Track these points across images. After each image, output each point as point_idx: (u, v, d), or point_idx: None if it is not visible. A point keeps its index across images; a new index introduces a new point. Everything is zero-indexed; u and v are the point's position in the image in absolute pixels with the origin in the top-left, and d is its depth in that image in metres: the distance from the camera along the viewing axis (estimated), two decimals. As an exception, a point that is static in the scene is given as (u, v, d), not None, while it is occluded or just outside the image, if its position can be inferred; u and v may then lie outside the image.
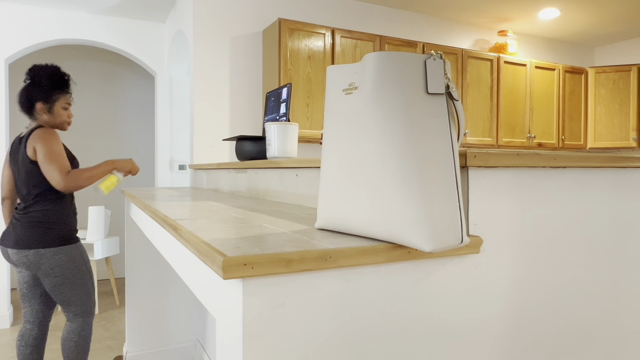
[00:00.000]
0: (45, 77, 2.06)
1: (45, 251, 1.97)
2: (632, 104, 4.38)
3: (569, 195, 0.90)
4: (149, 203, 1.40)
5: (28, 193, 2.02)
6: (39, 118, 2.07)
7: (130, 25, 3.89)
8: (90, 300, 2.12)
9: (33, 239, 1.97)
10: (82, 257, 2.10)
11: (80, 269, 2.07)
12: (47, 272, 1.99)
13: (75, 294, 2.06)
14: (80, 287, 2.07)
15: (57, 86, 2.08)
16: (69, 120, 2.15)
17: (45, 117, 2.07)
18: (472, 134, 3.92)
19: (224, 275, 0.57)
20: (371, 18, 3.79)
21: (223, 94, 3.27)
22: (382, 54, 0.69)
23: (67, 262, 2.02)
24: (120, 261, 5.01)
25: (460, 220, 0.69)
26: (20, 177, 2.03)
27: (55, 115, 2.09)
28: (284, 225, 0.89)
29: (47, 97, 2.06)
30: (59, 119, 2.11)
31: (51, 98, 2.07)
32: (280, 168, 1.56)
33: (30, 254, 1.96)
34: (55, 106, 2.08)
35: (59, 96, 2.09)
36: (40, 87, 2.05)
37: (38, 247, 1.97)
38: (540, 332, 0.87)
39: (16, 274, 2.11)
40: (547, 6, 3.88)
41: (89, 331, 2.13)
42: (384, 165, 0.68)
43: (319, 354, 0.65)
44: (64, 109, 2.11)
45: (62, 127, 2.14)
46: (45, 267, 1.98)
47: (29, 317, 2.12)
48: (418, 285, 0.73)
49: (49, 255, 1.98)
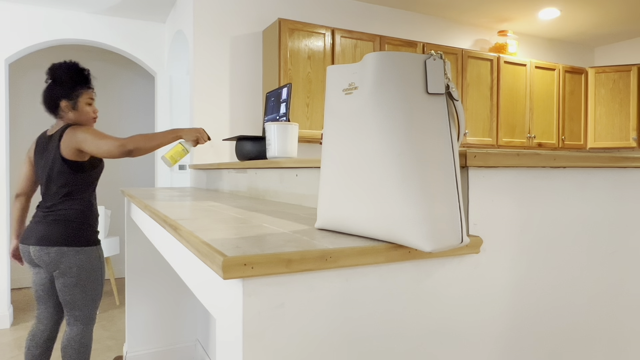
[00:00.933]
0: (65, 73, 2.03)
1: (68, 250, 1.95)
2: (632, 104, 4.38)
3: (569, 195, 0.90)
4: (149, 203, 1.40)
5: (57, 191, 1.99)
6: (65, 116, 2.05)
7: (130, 25, 3.89)
8: (94, 307, 2.08)
9: (57, 237, 1.94)
10: (100, 261, 2.07)
11: (95, 273, 2.04)
12: (65, 271, 1.96)
13: (83, 297, 2.02)
14: (89, 292, 2.03)
15: (78, 82, 2.05)
16: (94, 116, 2.12)
17: (70, 115, 2.05)
18: (472, 134, 3.92)
19: (224, 275, 0.57)
20: (371, 18, 3.79)
21: (223, 94, 3.27)
22: (382, 54, 0.69)
23: (86, 263, 1.99)
24: (120, 261, 5.01)
25: (460, 220, 0.69)
26: (49, 175, 2.00)
27: (80, 111, 2.06)
28: (284, 225, 0.89)
29: (70, 94, 2.04)
30: (85, 116, 2.08)
31: (74, 94, 2.04)
32: (280, 168, 1.56)
33: (53, 251, 1.93)
34: (79, 102, 2.05)
35: (81, 92, 2.06)
36: (62, 85, 2.02)
37: (61, 245, 1.94)
38: (541, 332, 0.87)
39: (33, 275, 2.08)
40: (547, 6, 3.88)
41: (89, 339, 2.08)
42: (384, 165, 0.68)
43: (319, 353, 0.65)
44: (88, 104, 2.08)
45: (89, 124, 2.11)
46: (64, 265, 1.95)
47: (43, 318, 2.09)
48: (418, 285, 0.73)
49: (71, 254, 1.95)
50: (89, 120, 2.10)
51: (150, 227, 1.50)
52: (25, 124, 4.66)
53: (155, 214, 1.13)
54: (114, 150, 1.90)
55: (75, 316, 2.03)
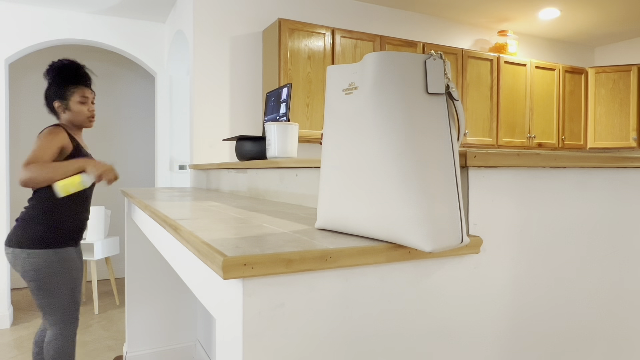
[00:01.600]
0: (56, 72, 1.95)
1: (20, 252, 1.85)
2: (632, 104, 4.38)
3: (569, 195, 0.90)
4: (149, 203, 1.40)
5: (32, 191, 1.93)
6: (62, 117, 1.99)
7: (130, 25, 3.89)
8: (67, 312, 1.94)
9: (12, 238, 1.89)
10: (62, 265, 1.91)
11: (58, 277, 1.89)
12: (22, 274, 1.87)
13: (49, 302, 1.89)
14: (55, 296, 1.90)
15: (68, 80, 1.95)
16: (89, 115, 2.00)
17: (65, 116, 1.97)
18: (472, 134, 3.92)
19: (224, 275, 0.57)
20: (371, 18, 3.79)
21: (223, 94, 3.27)
22: (382, 54, 0.69)
23: (43, 267, 1.86)
24: (120, 261, 5.01)
25: (460, 220, 0.69)
26: None
27: (74, 111, 1.96)
28: (284, 225, 0.89)
29: (62, 94, 1.95)
30: (78, 116, 1.98)
31: (65, 94, 1.95)
32: (280, 168, 1.56)
33: (9, 253, 1.88)
34: (70, 102, 1.95)
35: (73, 90, 1.95)
36: (54, 85, 1.95)
37: (15, 247, 1.86)
38: (541, 332, 0.87)
39: None
40: (547, 6, 3.88)
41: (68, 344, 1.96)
42: (384, 165, 0.68)
43: (319, 353, 0.65)
44: (81, 103, 1.96)
45: (85, 124, 2.01)
46: (20, 268, 1.86)
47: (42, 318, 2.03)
48: (418, 285, 0.73)
49: (22, 257, 1.84)
50: (84, 121, 2.00)
51: (150, 227, 1.51)
52: (25, 124, 4.66)
53: (155, 214, 1.13)
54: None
55: (49, 320, 1.94)
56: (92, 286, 4.19)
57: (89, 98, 2.00)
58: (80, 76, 1.98)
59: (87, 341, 3.14)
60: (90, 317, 3.67)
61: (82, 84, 1.98)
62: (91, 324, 3.50)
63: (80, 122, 1.99)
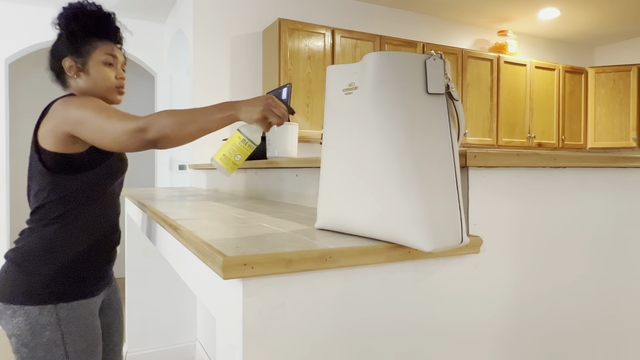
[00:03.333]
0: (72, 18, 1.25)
1: (4, 308, 1.15)
2: (632, 104, 4.38)
3: (569, 195, 0.90)
4: (149, 203, 1.40)
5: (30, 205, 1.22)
6: (72, 84, 1.27)
7: (130, 25, 3.89)
8: None
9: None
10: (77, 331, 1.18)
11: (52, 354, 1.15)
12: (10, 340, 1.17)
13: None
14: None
15: (90, 29, 1.26)
16: (118, 84, 1.29)
17: (80, 82, 1.26)
18: (472, 134, 3.92)
19: (224, 275, 0.57)
20: (371, 18, 3.79)
21: (223, 94, 3.27)
22: (382, 54, 0.69)
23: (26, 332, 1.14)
24: (120, 261, 5.01)
25: (460, 220, 0.69)
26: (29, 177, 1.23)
27: (94, 75, 1.25)
28: (284, 225, 0.89)
29: (77, 48, 1.25)
30: (102, 82, 1.26)
31: (83, 48, 1.25)
32: (280, 168, 1.56)
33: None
34: (91, 60, 1.25)
35: (96, 44, 1.26)
36: (67, 36, 1.26)
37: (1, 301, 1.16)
38: (541, 332, 0.87)
39: None
40: (547, 6, 3.88)
41: None
42: (384, 165, 0.68)
43: (319, 353, 0.65)
44: (107, 64, 1.26)
45: (111, 96, 1.29)
46: (5, 331, 1.17)
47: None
48: (418, 285, 0.73)
49: (6, 315, 1.15)
50: (109, 90, 1.28)
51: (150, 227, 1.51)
52: (25, 124, 4.66)
53: (155, 214, 1.13)
54: (126, 140, 1.07)
55: None
56: (92, 286, 4.18)
57: (119, 60, 1.31)
58: (109, 27, 1.29)
59: (87, 341, 3.14)
60: (90, 317, 3.66)
61: (110, 38, 1.29)
62: (91, 324, 3.49)
63: (103, 93, 1.27)
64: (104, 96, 1.28)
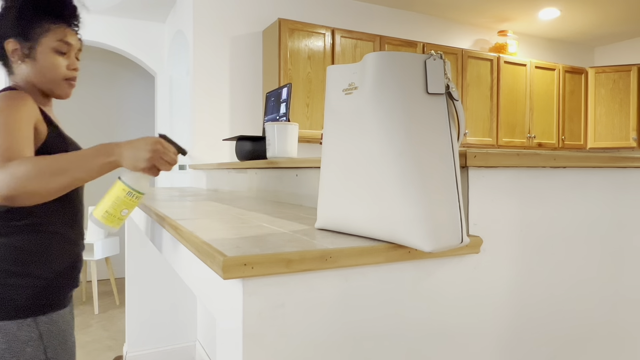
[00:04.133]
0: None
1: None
2: (632, 104, 4.38)
3: (569, 195, 0.90)
4: (149, 203, 1.40)
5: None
6: (17, 71, 1.10)
7: (130, 25, 3.89)
8: None
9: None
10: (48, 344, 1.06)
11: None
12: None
13: None
14: None
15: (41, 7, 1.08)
16: (69, 75, 1.12)
17: (24, 69, 1.08)
18: (472, 134, 3.92)
19: (224, 275, 0.57)
20: (371, 18, 3.79)
21: (223, 94, 3.27)
22: (382, 54, 0.69)
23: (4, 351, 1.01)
24: (120, 261, 5.01)
25: (460, 220, 0.69)
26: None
27: (42, 64, 1.08)
28: (284, 225, 0.89)
29: (24, 30, 1.06)
30: (51, 73, 1.09)
31: (32, 31, 1.07)
32: (280, 168, 1.56)
33: None
34: (39, 46, 1.07)
35: (48, 26, 1.08)
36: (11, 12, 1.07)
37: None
38: (541, 332, 0.87)
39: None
40: (547, 6, 3.88)
41: None
42: (384, 165, 0.68)
43: (319, 354, 0.65)
44: (58, 52, 1.09)
45: (59, 89, 1.12)
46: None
47: None
48: (418, 286, 0.73)
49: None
50: (57, 82, 1.11)
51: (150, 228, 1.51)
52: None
53: (155, 214, 1.13)
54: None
55: None
56: (92, 286, 4.19)
57: (73, 47, 1.12)
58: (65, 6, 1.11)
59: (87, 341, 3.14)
60: (90, 317, 3.67)
61: (65, 20, 1.11)
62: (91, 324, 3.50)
63: (50, 85, 1.11)
64: (51, 89, 1.12)
